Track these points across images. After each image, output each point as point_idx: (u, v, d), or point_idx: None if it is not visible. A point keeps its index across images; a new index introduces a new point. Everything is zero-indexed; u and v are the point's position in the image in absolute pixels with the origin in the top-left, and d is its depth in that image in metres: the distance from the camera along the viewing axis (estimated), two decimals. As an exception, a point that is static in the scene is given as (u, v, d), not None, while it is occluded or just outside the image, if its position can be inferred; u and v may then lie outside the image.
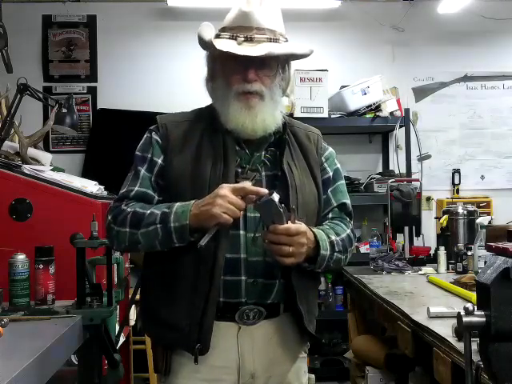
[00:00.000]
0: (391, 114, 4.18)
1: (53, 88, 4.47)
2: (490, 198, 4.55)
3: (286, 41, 1.61)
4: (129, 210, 1.55)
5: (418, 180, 3.93)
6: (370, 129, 4.39)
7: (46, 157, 2.96)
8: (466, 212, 3.30)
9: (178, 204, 1.51)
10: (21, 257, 2.02)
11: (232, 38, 1.55)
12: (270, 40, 1.56)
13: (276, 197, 1.43)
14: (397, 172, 4.30)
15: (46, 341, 1.57)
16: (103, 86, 4.53)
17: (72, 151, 4.48)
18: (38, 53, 4.49)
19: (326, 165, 1.73)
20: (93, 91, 4.52)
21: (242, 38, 1.54)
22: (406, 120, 4.21)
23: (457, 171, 4.71)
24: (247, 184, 1.48)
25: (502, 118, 4.77)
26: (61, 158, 4.05)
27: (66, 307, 1.96)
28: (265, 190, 1.46)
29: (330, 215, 1.71)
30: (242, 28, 1.55)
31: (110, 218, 1.60)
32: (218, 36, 1.59)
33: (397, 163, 4.32)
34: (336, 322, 4.16)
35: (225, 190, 1.45)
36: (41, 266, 2.02)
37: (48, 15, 4.51)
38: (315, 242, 1.54)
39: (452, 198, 4.55)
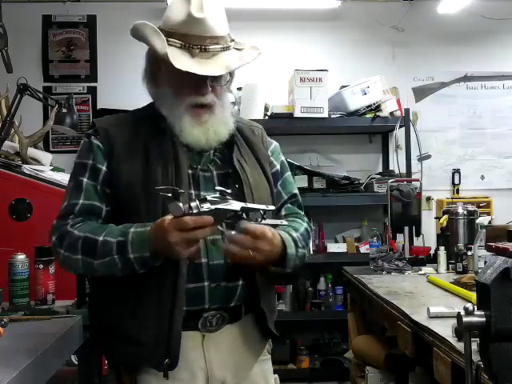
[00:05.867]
0: (391, 113, 4.18)
1: (53, 88, 4.46)
2: (490, 198, 4.54)
3: (233, 41, 1.54)
4: (77, 233, 1.45)
5: (418, 180, 3.93)
6: (370, 129, 4.38)
7: (46, 157, 2.97)
8: (465, 212, 3.30)
9: (132, 230, 1.41)
10: (21, 257, 2.02)
11: (184, 47, 1.47)
12: (223, 49, 1.49)
13: (238, 205, 1.37)
14: (397, 172, 4.30)
15: (46, 341, 1.57)
16: (103, 86, 4.52)
17: (72, 151, 4.45)
18: (37, 53, 4.49)
19: (272, 158, 1.72)
20: (93, 91, 4.52)
21: (197, 50, 1.46)
22: (405, 120, 4.20)
23: (457, 171, 4.71)
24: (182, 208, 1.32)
25: (502, 118, 4.76)
26: (61, 158, 4.03)
27: (66, 307, 1.96)
28: (209, 218, 1.33)
29: (284, 212, 1.69)
30: (195, 37, 1.47)
31: (54, 239, 1.51)
32: (166, 41, 1.49)
33: (397, 163, 4.31)
34: (336, 322, 4.16)
35: (172, 234, 1.32)
36: (41, 266, 2.02)
37: (48, 15, 4.50)
38: (281, 242, 1.49)
39: (452, 198, 4.55)
